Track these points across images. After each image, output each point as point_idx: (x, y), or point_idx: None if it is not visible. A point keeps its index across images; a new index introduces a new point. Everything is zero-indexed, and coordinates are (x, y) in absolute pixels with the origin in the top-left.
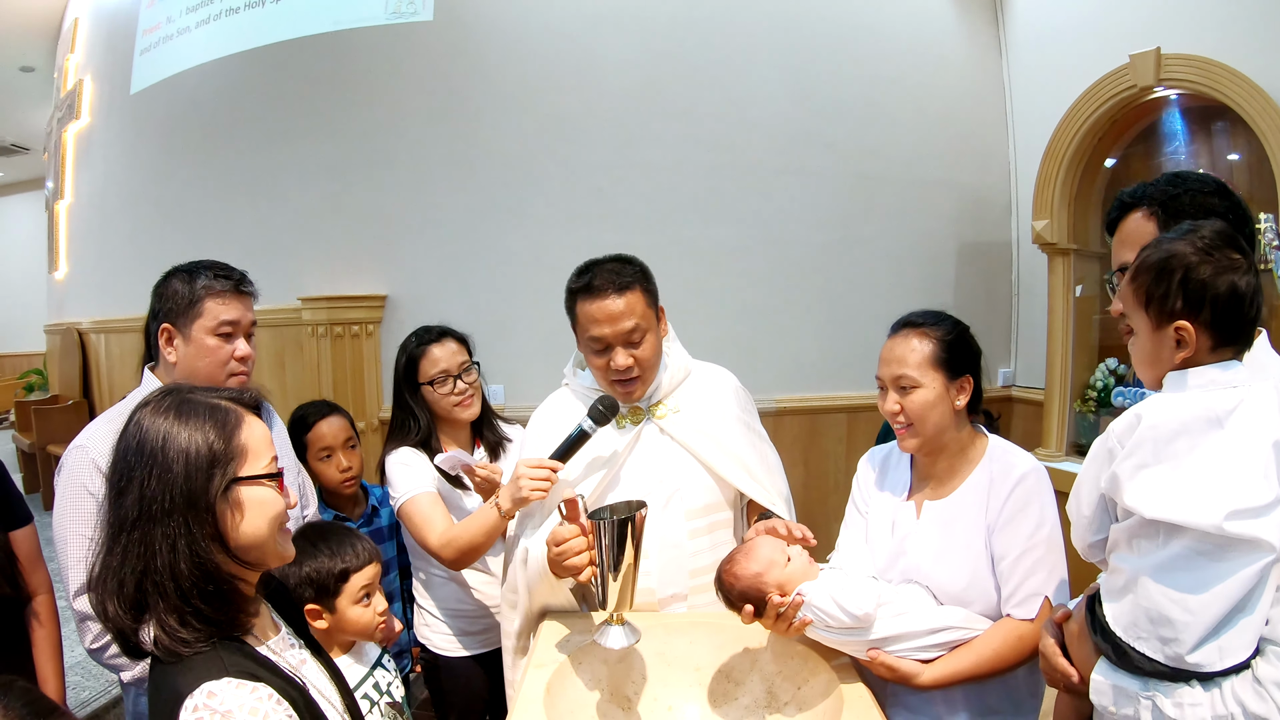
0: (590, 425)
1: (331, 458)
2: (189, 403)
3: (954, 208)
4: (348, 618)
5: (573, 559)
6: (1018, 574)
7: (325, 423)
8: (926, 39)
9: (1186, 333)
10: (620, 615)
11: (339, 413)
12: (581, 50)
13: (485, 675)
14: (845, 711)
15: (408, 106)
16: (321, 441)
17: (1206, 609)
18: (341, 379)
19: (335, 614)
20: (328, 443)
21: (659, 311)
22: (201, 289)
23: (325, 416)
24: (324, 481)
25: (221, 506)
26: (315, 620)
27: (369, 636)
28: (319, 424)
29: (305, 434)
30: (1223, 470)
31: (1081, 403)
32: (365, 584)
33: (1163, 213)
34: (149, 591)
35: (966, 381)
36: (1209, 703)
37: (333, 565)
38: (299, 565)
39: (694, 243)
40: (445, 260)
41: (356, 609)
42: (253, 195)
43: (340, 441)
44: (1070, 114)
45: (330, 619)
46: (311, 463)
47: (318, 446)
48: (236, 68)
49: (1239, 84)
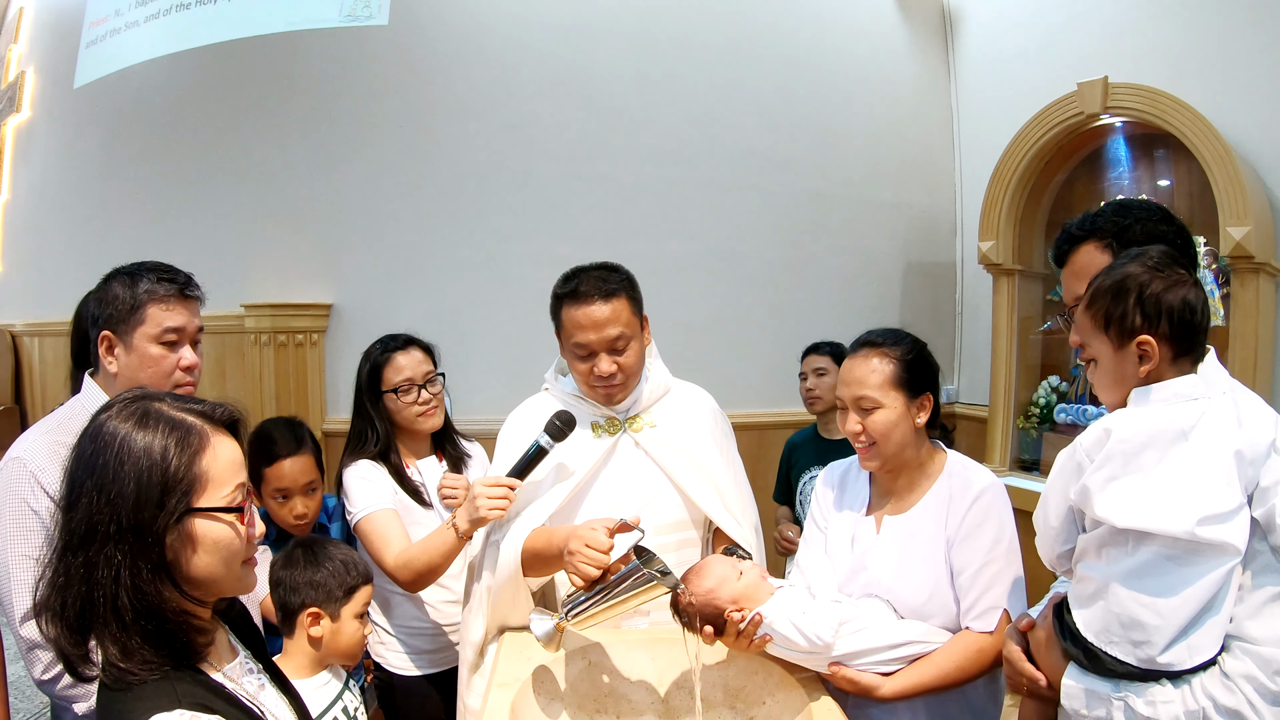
0: (548, 441)
1: (288, 500)
2: (153, 414)
3: (902, 228)
4: (345, 630)
5: (586, 565)
6: (977, 587)
7: (291, 462)
8: (878, 62)
9: (1149, 346)
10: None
11: (306, 447)
12: (539, 61)
13: (440, 695)
14: None
15: (360, 111)
16: (281, 482)
17: (1177, 612)
18: (285, 389)
19: (336, 622)
20: (286, 485)
21: (643, 320)
22: (144, 293)
23: (293, 454)
24: (275, 519)
25: (172, 538)
26: (313, 625)
27: (352, 656)
28: (284, 462)
29: (266, 466)
30: (1190, 479)
31: (1024, 419)
32: (366, 600)
33: (1116, 244)
34: (91, 618)
35: (927, 399)
36: (1180, 699)
37: (346, 575)
38: (309, 569)
39: (648, 257)
40: (394, 269)
41: (354, 624)
42: (197, 198)
43: (300, 486)
44: (1018, 139)
45: (328, 628)
46: (265, 497)
47: (275, 485)
48: (185, 65)
49: (1183, 113)
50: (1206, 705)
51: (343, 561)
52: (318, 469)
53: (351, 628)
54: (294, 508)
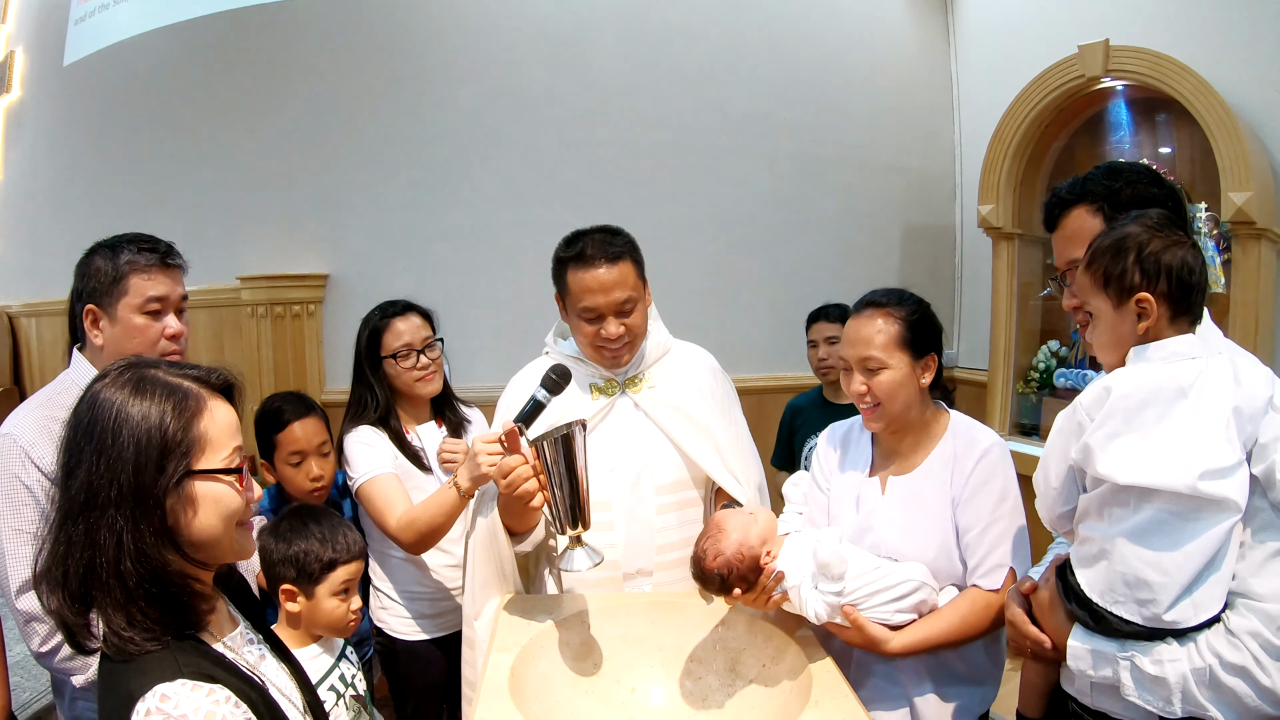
0: (544, 395)
1: (303, 464)
2: (149, 380)
3: (901, 191)
4: (322, 608)
5: (523, 486)
6: (983, 546)
7: (300, 425)
8: (877, 24)
9: (1148, 303)
10: (579, 538)
11: (315, 413)
12: (533, 27)
13: (444, 659)
14: (814, 686)
15: (352, 80)
16: (295, 445)
17: (1181, 569)
18: (282, 360)
19: (311, 600)
20: (301, 446)
21: (645, 283)
22: (125, 265)
23: (301, 417)
24: (291, 489)
25: (172, 501)
26: (289, 601)
27: (337, 632)
28: (294, 425)
29: (276, 433)
30: (1191, 436)
31: (1024, 384)
32: (347, 579)
33: (1108, 207)
34: (94, 587)
35: (931, 360)
36: (1186, 657)
37: (322, 552)
38: (287, 543)
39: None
40: (389, 238)
41: (333, 601)
42: (191, 172)
43: (314, 446)
44: (1017, 101)
45: (304, 605)
46: (279, 465)
47: (289, 449)
48: (175, 39)
49: (1186, 77)
50: (1213, 662)
51: (320, 539)
52: (328, 432)
53: (329, 605)
54: (309, 470)
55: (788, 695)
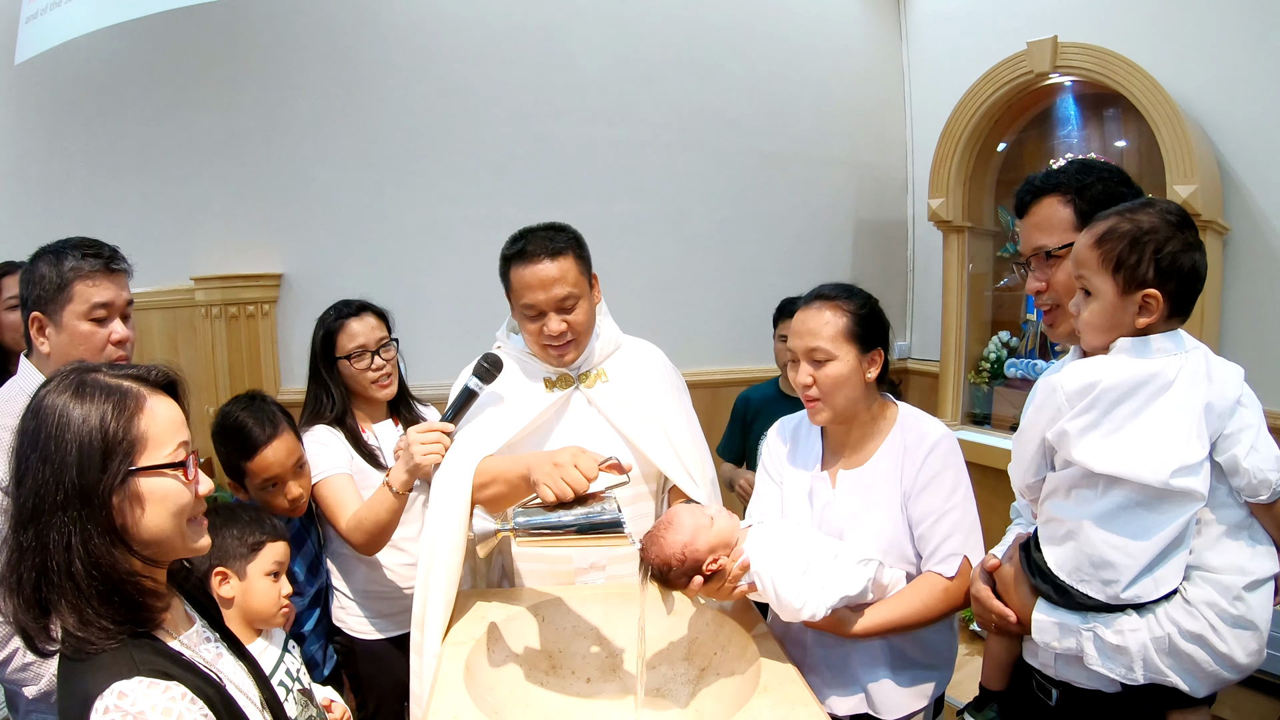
0: (476, 384)
1: (280, 486)
2: (89, 384)
3: (853, 186)
4: (256, 588)
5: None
6: (937, 535)
7: (271, 449)
8: (829, 20)
9: (1155, 300)
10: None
11: (284, 428)
12: (481, 21)
13: (403, 657)
14: (764, 673)
15: (303, 77)
16: (268, 472)
17: (1145, 552)
18: (237, 361)
19: (244, 580)
20: (275, 473)
21: (593, 279)
22: (70, 271)
23: (271, 439)
24: (270, 509)
25: (118, 500)
26: (222, 586)
27: (271, 619)
28: (264, 451)
29: (246, 460)
30: (1165, 431)
31: (975, 374)
32: (277, 559)
33: (1078, 199)
34: (48, 589)
35: (878, 354)
36: (1146, 627)
37: (249, 533)
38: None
39: (597, 216)
40: (343, 237)
41: (265, 581)
42: (143, 171)
43: (289, 468)
44: (967, 97)
45: (238, 586)
46: (252, 492)
47: (262, 478)
48: (126, 37)
49: (1132, 73)
50: (1171, 631)
51: (248, 521)
52: (299, 441)
53: (262, 585)
54: (289, 491)
55: (739, 682)
